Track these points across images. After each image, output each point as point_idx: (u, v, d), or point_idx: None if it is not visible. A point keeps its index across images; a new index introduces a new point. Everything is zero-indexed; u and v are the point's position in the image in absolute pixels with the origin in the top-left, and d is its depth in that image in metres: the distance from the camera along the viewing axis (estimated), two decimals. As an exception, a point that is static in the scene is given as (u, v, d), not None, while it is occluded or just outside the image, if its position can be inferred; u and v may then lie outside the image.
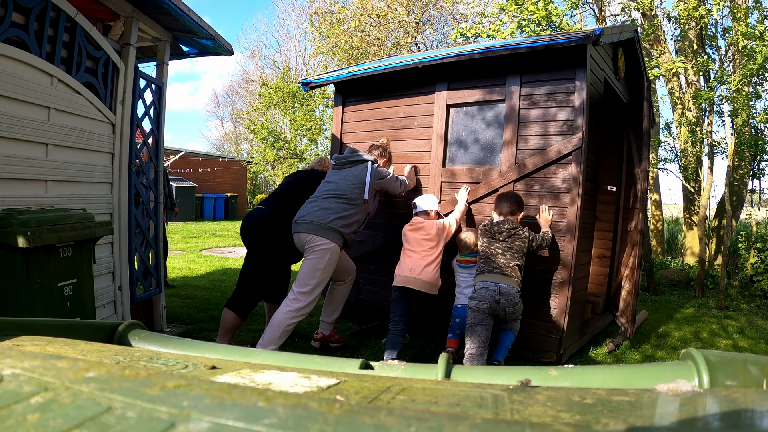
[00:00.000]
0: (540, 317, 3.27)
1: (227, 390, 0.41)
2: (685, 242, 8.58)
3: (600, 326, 4.22)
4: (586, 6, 8.07)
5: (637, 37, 4.18)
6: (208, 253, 8.61)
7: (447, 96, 3.71)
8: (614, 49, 3.97)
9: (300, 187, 3.60)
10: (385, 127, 4.09)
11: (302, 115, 14.00)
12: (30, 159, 2.59)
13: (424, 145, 3.86)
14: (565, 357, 3.26)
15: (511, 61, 3.37)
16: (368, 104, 4.22)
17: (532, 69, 3.33)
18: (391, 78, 3.97)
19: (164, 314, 3.95)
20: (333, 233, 3.07)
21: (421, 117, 3.90)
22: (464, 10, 12.52)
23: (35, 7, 2.54)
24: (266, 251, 3.44)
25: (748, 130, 7.17)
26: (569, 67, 3.18)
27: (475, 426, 0.35)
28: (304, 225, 3.11)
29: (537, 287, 3.29)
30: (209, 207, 17.20)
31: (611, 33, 3.33)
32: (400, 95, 4.01)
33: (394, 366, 0.77)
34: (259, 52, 26.09)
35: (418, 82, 3.86)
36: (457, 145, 3.75)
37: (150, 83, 3.72)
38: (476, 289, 2.99)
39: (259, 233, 3.40)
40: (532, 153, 3.32)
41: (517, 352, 3.33)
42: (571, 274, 3.15)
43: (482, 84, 3.55)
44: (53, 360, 0.50)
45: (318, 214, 3.10)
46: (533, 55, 3.25)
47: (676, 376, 0.63)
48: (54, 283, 2.31)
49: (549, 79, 3.27)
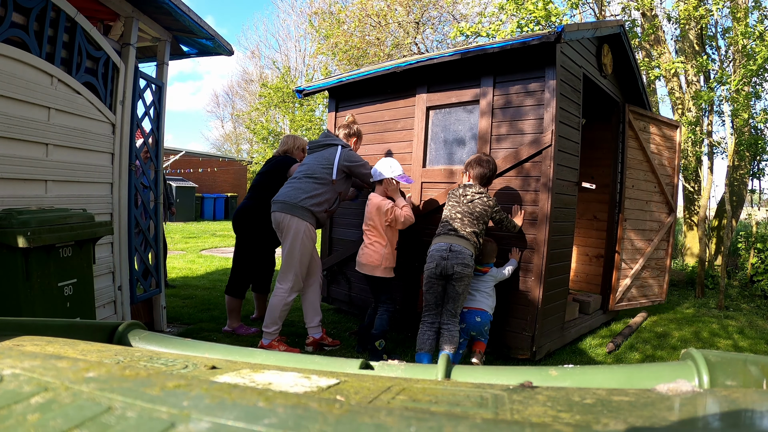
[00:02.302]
0: (514, 315, 3.32)
1: (227, 390, 0.41)
2: (685, 242, 8.59)
3: (589, 326, 4.23)
4: (586, 6, 8.07)
5: (623, 33, 4.14)
6: (208, 253, 8.61)
7: (427, 98, 3.81)
8: (598, 45, 3.96)
9: (273, 174, 3.87)
10: (373, 130, 4.23)
11: (302, 116, 14.01)
12: (30, 159, 2.59)
13: (406, 146, 3.97)
14: (540, 354, 3.30)
15: (484, 62, 3.43)
16: (358, 109, 4.37)
17: (505, 70, 3.37)
18: (377, 83, 4.11)
19: (164, 314, 3.95)
20: (303, 211, 3.26)
21: (403, 120, 4.01)
22: (464, 11, 12.53)
23: (35, 7, 2.54)
24: (248, 239, 3.90)
25: (748, 130, 7.17)
26: (539, 66, 3.20)
27: (475, 426, 0.35)
28: (278, 204, 3.33)
29: (511, 285, 3.31)
30: (209, 207, 17.19)
31: (580, 29, 3.31)
32: (385, 99, 4.15)
33: (394, 366, 0.77)
34: (259, 52, 26.11)
35: (402, 87, 3.98)
36: (436, 146, 3.83)
37: (150, 83, 3.72)
38: (429, 252, 2.98)
39: (240, 224, 3.89)
40: (506, 152, 3.35)
41: (494, 348, 3.38)
42: (542, 273, 3.17)
43: (459, 86, 3.63)
44: (53, 360, 0.50)
45: (290, 194, 3.31)
46: (505, 55, 3.29)
47: (676, 376, 0.63)
48: (54, 283, 2.31)
49: (521, 78, 3.30)
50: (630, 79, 4.59)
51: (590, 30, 3.50)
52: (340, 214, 4.43)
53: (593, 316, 4.40)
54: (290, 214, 3.24)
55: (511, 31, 7.29)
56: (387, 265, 3.29)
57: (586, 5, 8.00)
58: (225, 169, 19.66)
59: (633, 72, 4.53)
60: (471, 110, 3.60)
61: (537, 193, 3.22)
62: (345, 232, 4.42)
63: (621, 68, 4.46)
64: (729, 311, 5.35)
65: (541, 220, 3.18)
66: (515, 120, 3.33)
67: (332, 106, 4.63)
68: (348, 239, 4.33)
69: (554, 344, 3.57)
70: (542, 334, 3.30)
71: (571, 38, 3.18)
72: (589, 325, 4.24)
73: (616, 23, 4.04)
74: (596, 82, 3.90)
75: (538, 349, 3.27)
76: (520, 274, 3.30)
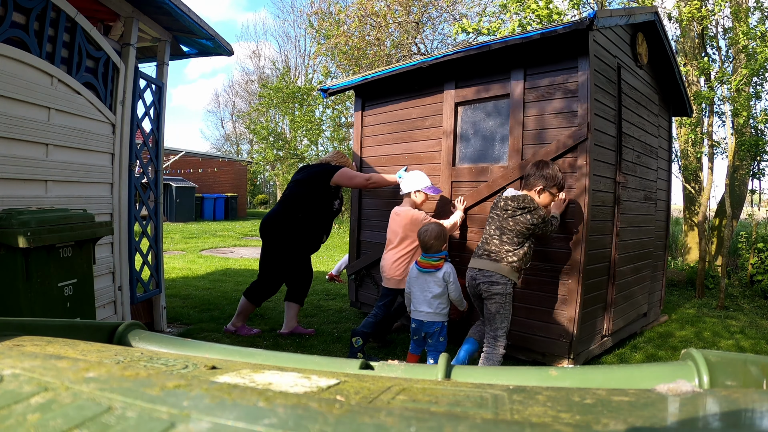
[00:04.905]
0: (550, 320, 3.14)
1: (227, 390, 0.41)
2: (686, 242, 8.58)
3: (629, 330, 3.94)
4: (586, 6, 8.06)
5: (658, 20, 3.86)
6: (208, 254, 8.61)
7: (455, 94, 3.67)
8: (632, 34, 3.72)
9: (307, 183, 3.78)
10: (400, 128, 4.10)
11: (302, 116, 14.00)
12: (30, 159, 2.59)
13: (435, 144, 3.83)
14: (578, 362, 3.14)
15: (514, 55, 3.28)
16: (384, 107, 4.26)
17: (536, 62, 3.22)
18: (403, 80, 3.99)
19: (164, 314, 3.95)
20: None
21: (431, 117, 3.87)
22: (464, 11, 12.53)
23: (35, 7, 2.54)
24: (274, 248, 3.77)
25: (748, 130, 7.16)
26: (572, 56, 3.05)
27: (475, 426, 0.35)
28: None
29: (545, 288, 3.17)
30: (209, 207, 17.19)
31: (613, 16, 3.13)
32: (413, 96, 4.02)
33: (394, 366, 0.77)
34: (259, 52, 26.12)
35: (429, 83, 3.85)
36: (466, 144, 3.68)
37: (150, 83, 3.72)
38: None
39: (267, 231, 3.78)
40: (538, 147, 3.19)
41: (527, 355, 3.28)
42: (580, 275, 2.99)
43: (487, 80, 3.49)
44: (53, 360, 0.50)
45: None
46: (535, 46, 3.14)
47: (676, 376, 0.63)
48: (54, 283, 2.31)
49: (553, 70, 3.15)
50: (666, 70, 4.33)
51: (623, 17, 3.29)
52: (367, 217, 4.36)
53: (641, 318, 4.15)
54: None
55: (512, 29, 7.28)
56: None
57: (587, 5, 7.99)
58: (225, 170, 19.66)
59: (669, 62, 4.26)
60: (501, 105, 3.46)
61: (573, 190, 3.05)
62: (373, 234, 4.28)
63: (656, 59, 4.22)
64: (730, 311, 5.35)
65: (578, 219, 3.01)
66: (548, 114, 3.17)
67: (358, 105, 4.51)
68: (376, 242, 4.16)
69: (593, 351, 3.39)
70: (581, 341, 3.12)
71: (604, 25, 3.00)
72: (630, 329, 3.96)
73: (651, 10, 3.79)
74: (632, 73, 3.68)
75: (576, 357, 3.10)
76: (555, 277, 3.12)
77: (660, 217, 4.58)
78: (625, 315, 3.75)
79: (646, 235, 4.13)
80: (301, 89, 14.32)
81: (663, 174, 4.63)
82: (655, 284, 4.57)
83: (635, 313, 3.99)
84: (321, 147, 16.02)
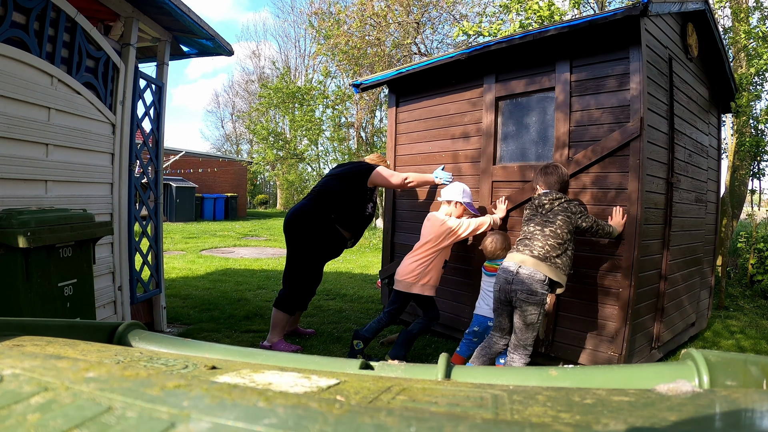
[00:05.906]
0: (596, 331, 2.95)
1: (227, 390, 0.41)
2: (686, 242, 8.57)
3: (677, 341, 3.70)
4: (587, 6, 8.07)
5: (708, 10, 3.61)
6: (208, 254, 8.61)
7: (495, 88, 3.45)
8: (682, 24, 3.49)
9: (344, 178, 3.56)
10: (436, 125, 3.90)
11: (302, 116, 14.00)
12: (30, 159, 2.59)
13: (475, 142, 3.60)
14: None
15: (559, 45, 3.08)
16: (420, 103, 4.06)
17: (583, 52, 3.01)
18: (440, 73, 3.79)
19: (164, 314, 3.95)
20: None
21: (470, 113, 3.64)
22: (464, 11, 12.52)
23: (35, 7, 2.54)
24: (298, 245, 3.49)
25: (748, 130, 7.16)
26: (622, 46, 2.84)
27: (475, 426, 0.35)
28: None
29: (594, 297, 2.96)
30: (209, 207, 17.19)
31: (666, 2, 2.90)
32: (449, 92, 3.81)
33: (394, 366, 0.77)
34: (259, 52, 26.12)
35: (467, 76, 3.65)
36: (507, 141, 3.46)
37: (150, 83, 3.72)
38: (499, 269, 2.68)
39: (292, 227, 3.48)
40: (585, 145, 2.97)
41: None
42: (631, 284, 2.78)
43: (531, 72, 3.28)
44: (53, 360, 0.50)
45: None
46: (582, 36, 2.95)
47: (676, 376, 0.63)
48: (54, 283, 2.31)
49: (601, 61, 2.94)
50: (717, 63, 4.09)
51: (676, 3, 3.08)
52: (401, 218, 4.18)
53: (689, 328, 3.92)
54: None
55: (513, 30, 7.28)
56: (433, 284, 3.20)
57: (587, 5, 8.00)
58: (225, 170, 19.66)
59: (720, 55, 4.00)
60: (545, 99, 3.23)
61: (624, 190, 2.83)
62: (408, 237, 4.05)
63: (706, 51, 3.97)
64: (730, 311, 5.35)
65: (630, 223, 2.80)
66: (596, 108, 2.95)
67: (392, 101, 4.28)
68: (411, 245, 3.78)
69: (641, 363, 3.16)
70: (631, 354, 2.90)
71: (657, 12, 2.79)
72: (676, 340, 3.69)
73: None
74: (684, 66, 3.46)
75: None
76: (604, 285, 2.90)
77: (710, 220, 4.29)
78: (674, 326, 3.55)
79: (696, 239, 3.88)
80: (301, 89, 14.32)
81: (713, 174, 4.37)
82: (703, 292, 4.32)
83: (683, 323, 3.77)
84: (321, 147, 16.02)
